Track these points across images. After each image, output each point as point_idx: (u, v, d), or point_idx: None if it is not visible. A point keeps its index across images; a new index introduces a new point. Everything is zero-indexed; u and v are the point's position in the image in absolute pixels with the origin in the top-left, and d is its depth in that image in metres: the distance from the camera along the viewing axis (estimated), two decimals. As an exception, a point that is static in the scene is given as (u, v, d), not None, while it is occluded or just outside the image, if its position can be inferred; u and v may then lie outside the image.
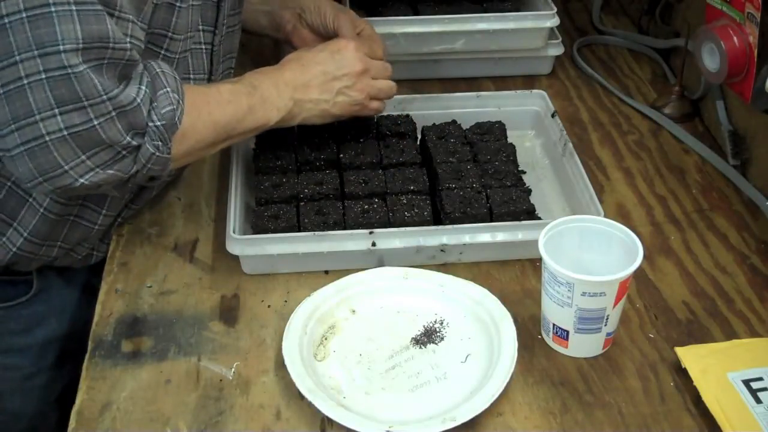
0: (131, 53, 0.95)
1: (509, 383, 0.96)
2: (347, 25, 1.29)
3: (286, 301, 1.09)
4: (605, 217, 1.06)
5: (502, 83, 1.52)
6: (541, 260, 0.98)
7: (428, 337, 1.04)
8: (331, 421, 0.93)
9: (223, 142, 1.08)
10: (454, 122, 1.30)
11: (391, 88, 1.24)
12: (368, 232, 1.10)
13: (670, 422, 0.95)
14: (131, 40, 0.96)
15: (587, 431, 0.94)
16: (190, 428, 0.94)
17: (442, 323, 1.05)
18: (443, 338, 1.04)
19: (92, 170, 0.94)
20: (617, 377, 1.00)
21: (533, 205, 1.16)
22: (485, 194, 1.16)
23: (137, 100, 0.95)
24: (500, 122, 1.31)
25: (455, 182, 1.18)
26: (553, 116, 1.32)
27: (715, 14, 1.22)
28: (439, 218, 1.16)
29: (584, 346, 1.01)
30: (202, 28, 1.12)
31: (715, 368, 0.96)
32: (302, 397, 0.95)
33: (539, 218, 1.15)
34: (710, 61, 1.22)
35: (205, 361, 1.02)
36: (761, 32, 1.13)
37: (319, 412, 0.93)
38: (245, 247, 1.10)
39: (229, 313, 1.08)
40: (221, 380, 0.99)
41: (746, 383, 0.94)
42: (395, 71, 1.49)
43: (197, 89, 1.07)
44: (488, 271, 1.13)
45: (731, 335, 1.05)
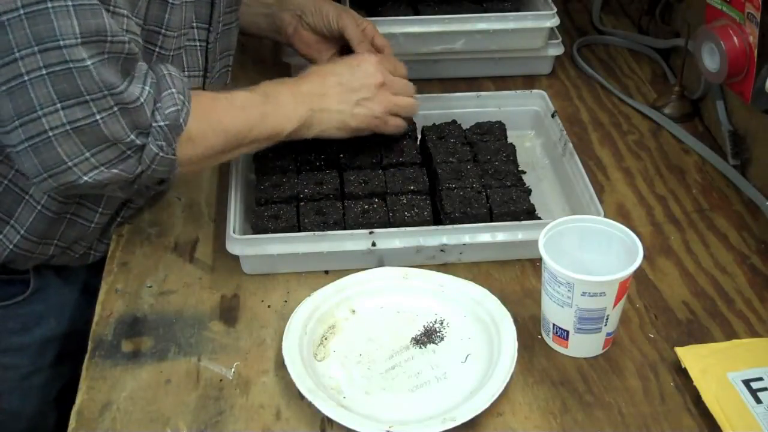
0: (130, 46, 0.95)
1: (509, 383, 0.96)
2: (352, 24, 1.29)
3: (286, 301, 1.09)
4: (605, 217, 1.06)
5: (502, 83, 1.52)
6: (541, 260, 0.98)
7: (428, 337, 1.04)
8: (331, 421, 0.93)
9: (234, 149, 1.08)
10: (454, 122, 1.30)
11: (412, 106, 1.22)
12: (368, 232, 1.10)
13: (670, 422, 0.95)
14: (129, 35, 0.96)
15: (587, 431, 0.94)
16: (190, 428, 0.94)
17: (442, 323, 1.05)
18: (443, 338, 1.04)
19: (96, 168, 0.94)
20: (617, 377, 1.00)
21: (533, 205, 1.16)
22: (485, 194, 1.16)
23: (140, 99, 0.95)
24: (500, 122, 1.31)
25: (455, 182, 1.18)
26: (553, 116, 1.32)
27: (715, 14, 1.22)
28: (439, 218, 1.16)
29: (584, 346, 1.01)
30: (196, 25, 1.12)
31: (715, 368, 0.96)
32: (302, 397, 0.95)
33: (539, 218, 1.15)
34: (710, 61, 1.22)
35: (205, 361, 1.02)
36: (761, 32, 1.13)
37: (319, 412, 0.93)
38: (245, 247, 1.10)
39: (229, 313, 1.08)
40: (221, 380, 0.99)
41: (746, 383, 0.94)
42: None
43: (208, 95, 1.07)
44: (488, 271, 1.13)
45: (731, 335, 1.05)
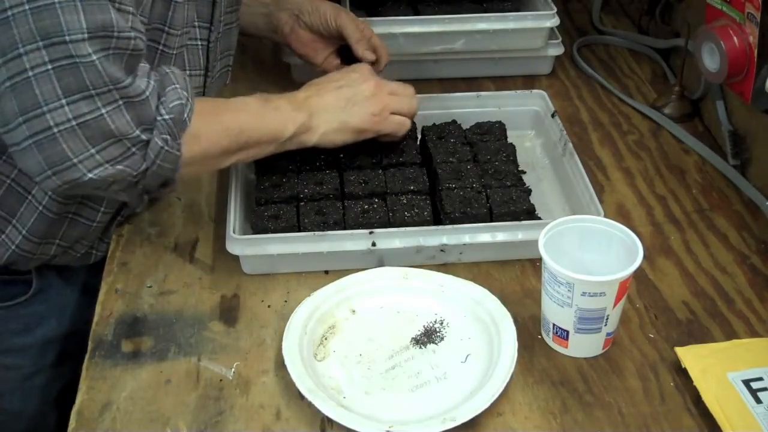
0: (136, 42, 0.94)
1: (509, 383, 0.96)
2: (350, 22, 1.30)
3: (286, 301, 1.09)
4: (605, 217, 1.06)
5: (502, 83, 1.52)
6: (541, 260, 0.98)
7: (428, 337, 1.04)
8: (331, 421, 0.93)
9: (238, 151, 1.07)
10: (454, 122, 1.30)
11: (410, 104, 1.21)
12: (368, 232, 1.10)
13: (670, 422, 0.95)
14: (135, 32, 0.96)
15: (587, 431, 0.94)
16: (190, 428, 0.94)
17: (442, 323, 1.05)
18: (443, 338, 1.04)
19: (101, 165, 0.93)
20: (617, 377, 1.00)
21: (533, 205, 1.16)
22: (485, 194, 1.16)
23: (146, 92, 0.95)
24: (500, 122, 1.31)
25: (455, 182, 1.18)
26: (553, 116, 1.32)
27: (715, 14, 1.22)
28: (439, 218, 1.16)
29: (584, 346, 1.01)
30: (197, 24, 1.12)
31: (715, 368, 0.96)
32: (302, 397, 0.95)
33: (539, 218, 1.15)
34: (710, 61, 1.22)
35: (205, 361, 1.02)
36: (761, 32, 1.13)
37: (319, 412, 0.93)
38: (245, 247, 1.10)
39: (229, 313, 1.08)
40: (221, 380, 0.99)
41: (746, 383, 0.94)
42: (395, 71, 1.49)
43: (207, 98, 1.08)
44: (488, 271, 1.13)
45: (731, 335, 1.05)
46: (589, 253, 1.02)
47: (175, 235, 1.19)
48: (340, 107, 1.14)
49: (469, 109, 1.35)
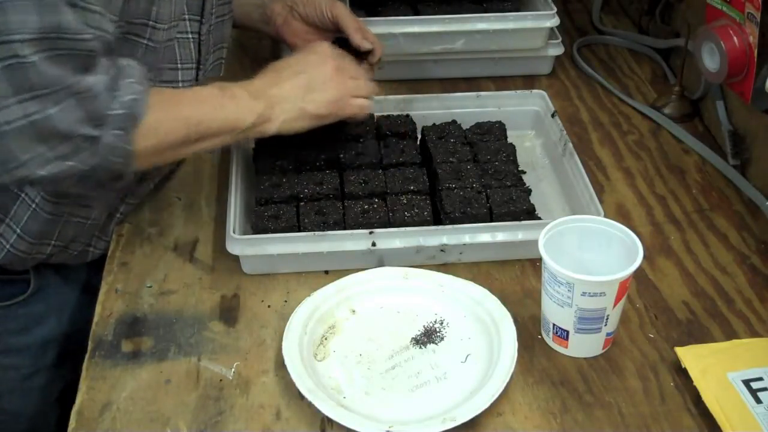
0: (92, 44, 0.94)
1: (509, 383, 0.96)
2: (345, 12, 1.29)
3: (286, 301, 1.09)
4: (605, 217, 1.06)
5: (502, 83, 1.52)
6: (541, 260, 0.98)
7: (428, 337, 1.04)
8: (331, 421, 0.93)
9: (195, 142, 1.05)
10: (454, 122, 1.30)
11: (368, 87, 1.19)
12: (368, 232, 1.10)
13: (670, 422, 0.95)
14: (96, 31, 0.95)
15: (587, 431, 0.94)
16: (190, 428, 0.94)
17: (442, 323, 1.05)
18: (443, 338, 1.04)
19: (51, 162, 0.93)
20: (617, 377, 1.00)
21: (533, 205, 1.16)
22: (485, 194, 1.16)
23: (95, 88, 0.93)
24: (500, 122, 1.31)
25: (455, 182, 1.18)
26: (553, 116, 1.32)
27: (715, 14, 1.22)
28: (439, 218, 1.16)
29: (584, 346, 1.01)
30: (188, 17, 1.11)
31: (715, 368, 0.96)
32: (302, 397, 0.95)
33: (539, 218, 1.15)
34: (710, 61, 1.22)
35: (205, 361, 1.02)
36: (761, 32, 1.13)
37: (319, 412, 0.93)
38: (245, 247, 1.10)
39: (229, 313, 1.08)
40: (221, 380, 0.99)
41: (746, 383, 0.94)
42: (395, 71, 1.50)
43: (161, 89, 1.05)
44: (488, 271, 1.13)
45: (731, 335, 1.05)
46: (589, 253, 1.02)
47: (175, 235, 1.19)
48: (298, 95, 1.11)
49: (469, 109, 1.35)
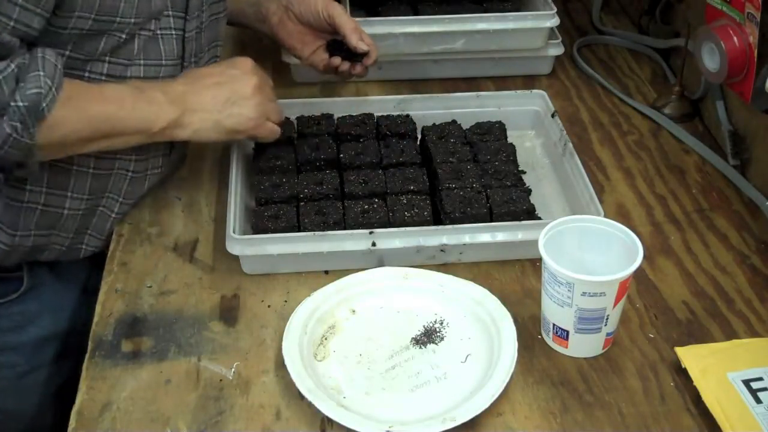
0: (2, 36, 0.94)
1: (509, 383, 0.96)
2: (342, 13, 1.29)
3: (286, 301, 1.09)
4: (605, 217, 1.06)
5: (502, 83, 1.52)
6: (541, 260, 0.98)
7: (428, 337, 1.04)
8: (331, 421, 0.93)
9: (101, 139, 1.05)
10: (454, 122, 1.30)
11: (279, 112, 1.19)
12: (368, 232, 1.10)
13: (670, 422, 0.95)
14: (14, 24, 0.95)
15: (587, 431, 0.94)
16: (190, 428, 0.94)
17: (442, 323, 1.05)
18: (443, 338, 1.04)
19: None
20: (617, 377, 1.00)
21: (533, 205, 1.16)
22: (485, 194, 1.16)
23: None
24: (500, 122, 1.31)
25: (455, 182, 1.18)
26: (553, 116, 1.32)
27: (715, 14, 1.22)
28: (439, 218, 1.16)
29: (584, 346, 1.01)
30: (171, 13, 1.11)
31: (715, 368, 0.96)
32: (302, 397, 0.95)
33: (539, 218, 1.15)
34: (710, 61, 1.22)
35: (205, 361, 1.02)
36: (761, 32, 1.13)
37: (319, 412, 0.93)
38: (245, 247, 1.10)
39: (229, 313, 1.08)
40: (221, 380, 0.99)
41: (746, 383, 0.94)
42: (395, 71, 1.50)
43: (78, 83, 1.05)
44: (488, 271, 1.13)
45: (731, 335, 1.05)
46: (589, 253, 1.02)
47: (175, 235, 1.19)
48: (216, 108, 1.11)
49: (469, 109, 1.35)
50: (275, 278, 1.12)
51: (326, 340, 1.03)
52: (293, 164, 1.22)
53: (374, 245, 1.10)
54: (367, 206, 1.15)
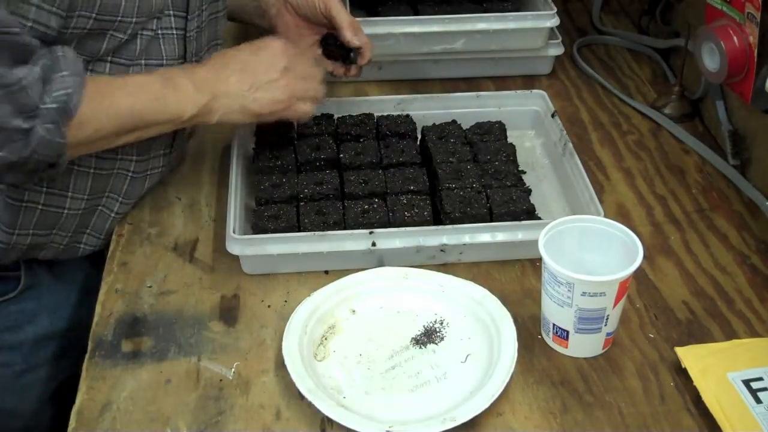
0: (23, 38, 0.94)
1: (509, 383, 0.96)
2: (340, 7, 1.28)
3: (286, 301, 1.09)
4: (605, 217, 1.06)
5: (502, 83, 1.52)
6: (541, 260, 0.98)
7: (428, 337, 1.04)
8: (331, 421, 0.93)
9: (129, 132, 1.05)
10: (454, 122, 1.30)
11: (318, 91, 1.19)
12: (368, 232, 1.10)
13: (670, 422, 0.95)
14: (32, 24, 0.95)
15: (587, 431, 0.94)
16: (190, 428, 0.94)
17: (442, 323, 1.05)
18: (443, 338, 1.04)
19: None
20: (617, 377, 1.00)
21: (533, 205, 1.16)
22: (485, 194, 1.16)
23: (24, 81, 0.93)
24: (500, 122, 1.31)
25: (455, 182, 1.18)
26: (553, 116, 1.32)
27: (715, 14, 1.22)
28: (439, 218, 1.16)
29: (584, 346, 1.01)
30: (172, 12, 1.11)
31: (715, 368, 0.96)
32: (302, 397, 0.95)
33: (539, 218, 1.15)
34: (710, 61, 1.22)
35: (205, 361, 1.02)
36: (761, 32, 1.13)
37: (319, 412, 0.93)
38: (245, 247, 1.10)
39: (229, 313, 1.08)
40: (221, 380, 0.99)
41: (746, 383, 0.94)
42: (395, 71, 1.50)
43: (103, 78, 1.05)
44: (488, 271, 1.13)
45: (731, 335, 1.05)
46: (589, 253, 1.02)
47: (175, 235, 1.19)
48: (242, 92, 1.11)
49: (469, 109, 1.35)
50: (275, 278, 1.12)
51: (326, 340, 1.03)
52: (293, 164, 1.22)
53: (374, 245, 1.10)
54: (367, 206, 1.15)
